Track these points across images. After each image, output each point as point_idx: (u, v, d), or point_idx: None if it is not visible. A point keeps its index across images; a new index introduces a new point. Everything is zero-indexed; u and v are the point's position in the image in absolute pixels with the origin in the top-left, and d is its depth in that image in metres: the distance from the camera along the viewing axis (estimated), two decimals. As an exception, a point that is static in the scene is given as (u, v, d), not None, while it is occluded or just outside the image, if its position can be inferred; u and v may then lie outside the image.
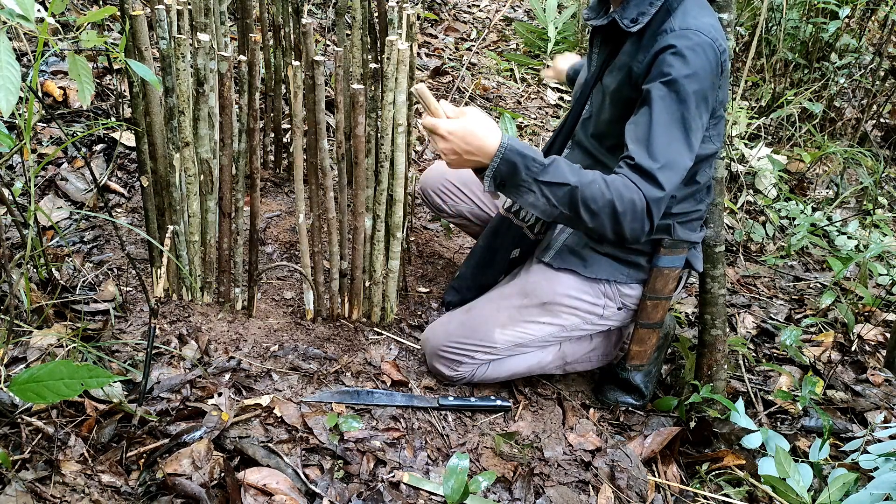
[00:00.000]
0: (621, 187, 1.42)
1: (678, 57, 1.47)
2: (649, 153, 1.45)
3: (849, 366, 2.30)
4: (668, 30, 1.51)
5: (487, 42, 4.41)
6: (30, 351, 1.58)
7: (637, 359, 1.86)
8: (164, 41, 1.60)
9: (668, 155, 1.45)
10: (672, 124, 1.47)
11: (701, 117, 1.51)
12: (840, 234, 2.97)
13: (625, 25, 1.56)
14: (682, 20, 1.51)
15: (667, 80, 1.47)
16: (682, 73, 1.46)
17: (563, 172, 1.43)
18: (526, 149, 1.44)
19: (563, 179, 1.42)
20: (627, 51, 1.59)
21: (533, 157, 1.43)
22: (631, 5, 1.57)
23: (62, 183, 2.22)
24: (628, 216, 1.43)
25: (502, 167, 1.43)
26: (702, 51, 1.47)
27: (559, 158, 1.46)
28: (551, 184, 1.43)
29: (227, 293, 1.89)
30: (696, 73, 1.47)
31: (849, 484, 1.55)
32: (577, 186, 1.42)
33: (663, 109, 1.47)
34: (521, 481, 1.62)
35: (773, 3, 3.75)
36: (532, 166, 1.42)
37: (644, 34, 1.56)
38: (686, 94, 1.47)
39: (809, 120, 3.75)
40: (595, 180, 1.43)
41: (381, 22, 2.20)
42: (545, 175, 1.42)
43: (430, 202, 2.16)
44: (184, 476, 1.38)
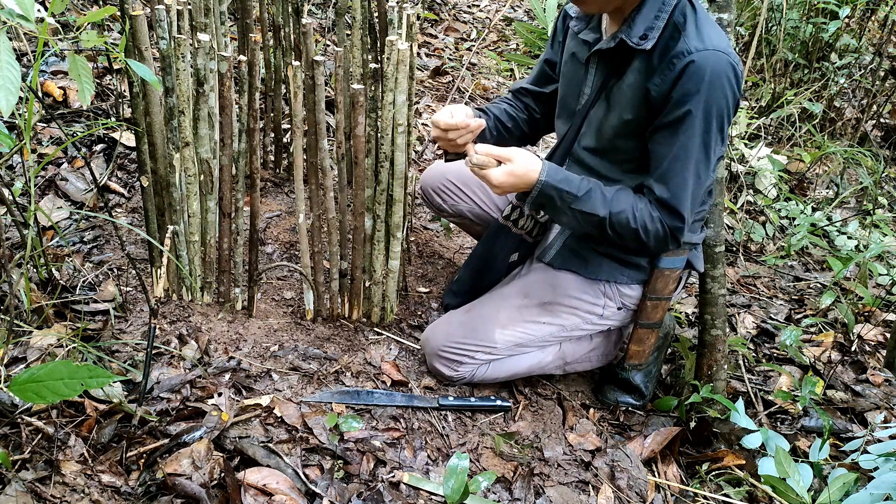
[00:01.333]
0: (646, 218, 1.55)
1: (702, 82, 1.45)
2: (671, 188, 1.54)
3: (849, 366, 2.30)
4: (685, 51, 1.46)
5: (487, 42, 4.41)
6: (30, 351, 1.58)
7: (635, 358, 1.87)
8: (164, 41, 1.60)
9: (689, 187, 1.53)
10: (695, 153, 1.51)
11: (722, 137, 1.54)
12: (840, 234, 2.96)
13: (635, 44, 1.51)
14: (697, 40, 1.46)
15: (692, 107, 1.47)
16: (707, 100, 1.46)
17: (595, 204, 1.55)
18: (562, 181, 1.55)
19: (593, 211, 1.56)
20: (638, 69, 1.53)
21: (567, 190, 1.55)
22: (637, 23, 1.52)
23: (62, 183, 2.22)
24: (651, 242, 1.58)
25: (540, 199, 1.58)
26: (724, 73, 1.45)
27: (594, 188, 1.56)
28: (584, 213, 1.57)
29: (227, 293, 1.89)
30: (721, 97, 1.47)
31: (849, 484, 1.55)
32: (606, 217, 1.55)
33: (688, 140, 1.50)
34: (521, 481, 1.62)
35: (773, 3, 3.75)
36: (566, 197, 1.56)
37: (654, 52, 1.51)
38: (711, 120, 1.48)
39: (809, 120, 3.75)
40: (623, 210, 1.55)
41: (381, 22, 2.20)
42: (578, 204, 1.56)
43: (430, 201, 2.16)
44: (184, 476, 1.38)
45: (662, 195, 1.54)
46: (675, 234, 1.57)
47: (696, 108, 1.47)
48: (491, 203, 2.07)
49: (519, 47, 4.40)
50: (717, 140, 1.52)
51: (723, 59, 1.45)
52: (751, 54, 3.15)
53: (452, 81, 3.67)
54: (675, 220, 1.55)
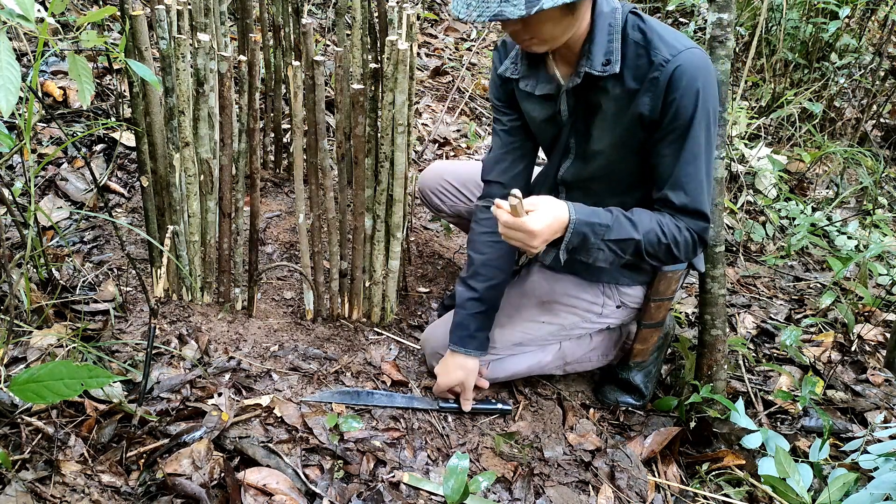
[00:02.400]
0: (674, 231, 1.53)
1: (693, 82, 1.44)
2: (689, 192, 1.53)
3: (849, 366, 2.30)
4: (662, 62, 1.45)
5: (487, 42, 4.41)
6: (30, 351, 1.58)
7: (640, 356, 1.88)
8: (164, 41, 1.60)
9: (702, 187, 1.53)
10: (702, 153, 1.51)
11: (716, 125, 1.54)
12: (840, 234, 2.96)
13: (600, 72, 1.48)
14: (665, 46, 1.45)
15: (692, 110, 1.47)
16: (702, 98, 1.46)
17: (627, 229, 1.50)
18: (591, 216, 1.49)
19: (628, 236, 1.50)
20: (616, 95, 1.51)
21: (598, 222, 1.49)
22: (594, 52, 1.48)
23: (62, 183, 2.22)
24: (682, 252, 1.55)
25: (574, 239, 1.48)
26: (703, 64, 1.46)
27: (618, 213, 1.51)
28: (618, 241, 1.51)
29: (227, 293, 1.89)
30: (710, 91, 1.48)
31: (849, 484, 1.54)
32: (641, 240, 1.51)
33: (694, 142, 1.50)
34: (521, 481, 1.62)
35: (773, 3, 3.75)
36: (599, 231, 1.49)
37: (624, 74, 1.49)
38: (708, 116, 1.49)
39: (809, 120, 3.75)
40: (652, 229, 1.51)
41: (381, 22, 2.20)
42: (611, 234, 1.50)
43: (428, 202, 2.16)
44: (184, 476, 1.37)
45: (683, 202, 1.53)
46: (702, 237, 1.57)
47: (695, 109, 1.47)
48: (491, 203, 2.07)
49: (519, 47, 4.39)
50: (715, 134, 1.54)
51: (698, 55, 1.46)
52: (751, 54, 3.15)
53: (452, 81, 3.67)
54: (699, 222, 1.54)
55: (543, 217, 1.42)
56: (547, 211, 1.44)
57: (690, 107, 1.46)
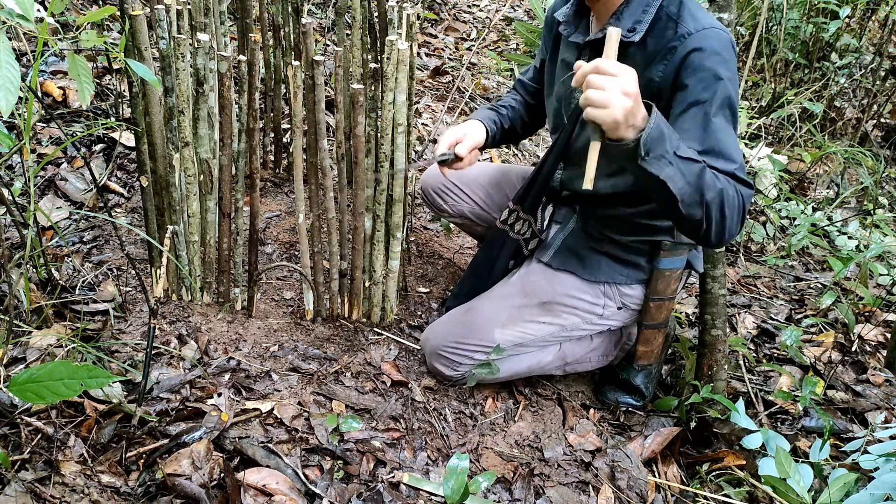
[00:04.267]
0: (724, 182, 1.41)
1: (711, 56, 1.46)
2: (726, 159, 1.45)
3: (849, 366, 2.30)
4: (685, 34, 1.49)
5: (487, 42, 4.40)
6: (29, 351, 1.58)
7: (644, 358, 1.87)
8: (164, 41, 1.60)
9: (737, 152, 1.49)
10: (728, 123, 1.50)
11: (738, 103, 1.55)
12: (840, 234, 2.96)
13: (624, 36, 1.52)
14: (694, 22, 1.50)
15: (711, 81, 1.47)
16: (720, 71, 1.47)
17: (691, 154, 1.38)
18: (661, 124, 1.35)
19: (694, 157, 1.38)
20: (633, 62, 1.52)
21: (672, 133, 1.36)
22: (625, 16, 1.55)
23: (62, 183, 2.22)
24: (731, 207, 1.42)
25: (654, 132, 1.32)
26: (728, 44, 1.49)
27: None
28: (686, 159, 1.37)
29: (227, 293, 1.89)
30: (729, 67, 1.49)
31: (849, 484, 1.54)
32: (703, 166, 1.39)
33: (718, 111, 1.48)
34: (521, 481, 1.61)
35: (774, 3, 3.75)
36: (673, 138, 1.35)
37: (646, 43, 1.53)
38: (728, 89, 1.49)
39: (810, 120, 3.75)
40: (705, 168, 1.39)
41: (381, 22, 2.20)
42: (682, 151, 1.37)
43: (430, 202, 2.16)
44: (183, 476, 1.37)
45: (724, 167, 1.43)
46: (746, 205, 1.46)
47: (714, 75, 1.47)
48: (492, 203, 2.07)
49: (519, 47, 4.40)
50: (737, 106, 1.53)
51: (722, 34, 1.49)
52: (751, 54, 3.15)
53: (452, 81, 3.67)
54: (744, 188, 1.45)
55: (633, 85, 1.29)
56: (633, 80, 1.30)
57: (712, 74, 1.46)
